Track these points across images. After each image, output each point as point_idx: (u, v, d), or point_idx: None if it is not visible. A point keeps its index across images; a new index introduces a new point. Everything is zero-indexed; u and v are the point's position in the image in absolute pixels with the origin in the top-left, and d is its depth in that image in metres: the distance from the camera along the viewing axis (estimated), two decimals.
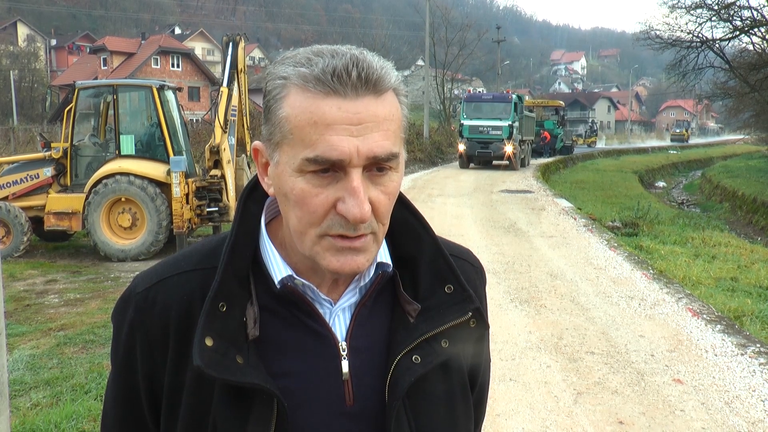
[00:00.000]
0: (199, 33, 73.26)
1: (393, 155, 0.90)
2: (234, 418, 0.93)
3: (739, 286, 8.84)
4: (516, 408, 4.68)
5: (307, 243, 0.92)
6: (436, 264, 1.04)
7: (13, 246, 10.42)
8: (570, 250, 10.55)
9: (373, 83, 0.88)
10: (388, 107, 0.90)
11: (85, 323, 6.85)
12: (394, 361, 0.98)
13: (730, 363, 5.64)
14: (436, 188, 20.22)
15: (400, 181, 0.95)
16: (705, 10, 28.04)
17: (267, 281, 0.99)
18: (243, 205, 1.02)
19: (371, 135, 0.88)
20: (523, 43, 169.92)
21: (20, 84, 52.42)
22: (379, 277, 1.01)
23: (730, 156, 53.14)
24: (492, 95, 31.10)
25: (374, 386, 0.98)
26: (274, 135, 0.92)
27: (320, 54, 0.90)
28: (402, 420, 0.97)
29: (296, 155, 0.89)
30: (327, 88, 0.87)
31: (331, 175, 0.89)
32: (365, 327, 1.01)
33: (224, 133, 10.91)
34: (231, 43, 11.35)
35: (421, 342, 0.99)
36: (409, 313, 1.01)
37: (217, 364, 0.90)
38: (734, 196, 23.56)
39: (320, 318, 0.99)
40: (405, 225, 1.05)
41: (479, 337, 1.09)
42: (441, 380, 1.02)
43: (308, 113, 0.87)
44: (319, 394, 0.97)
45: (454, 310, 1.02)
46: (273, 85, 0.92)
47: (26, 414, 4.54)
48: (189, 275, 1.00)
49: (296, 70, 0.89)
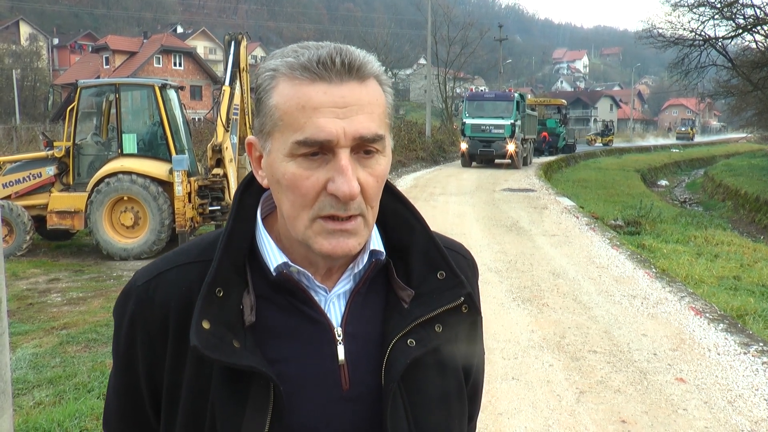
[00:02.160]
0: (201, 32, 73.25)
1: (378, 136, 0.94)
2: (232, 403, 0.95)
3: (741, 284, 8.83)
4: (518, 407, 4.67)
5: (299, 227, 0.96)
6: (428, 252, 1.07)
7: (16, 245, 10.43)
8: (572, 249, 10.54)
9: (356, 69, 0.93)
10: (371, 92, 0.95)
11: (87, 322, 6.86)
12: (389, 345, 1.00)
13: (732, 362, 5.63)
14: (438, 187, 20.21)
15: (388, 165, 0.98)
16: (707, 8, 28.00)
17: (263, 271, 1.01)
18: (239, 199, 1.05)
19: (357, 117, 0.92)
20: (525, 41, 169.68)
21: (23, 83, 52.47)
22: (372, 264, 1.04)
23: (732, 154, 53.06)
24: (494, 94, 31.07)
25: (370, 370, 1.00)
26: (265, 125, 0.96)
27: (306, 47, 0.95)
28: (398, 402, 0.99)
29: (286, 140, 0.93)
30: (313, 74, 0.92)
31: (320, 158, 0.93)
32: (360, 313, 1.03)
33: (226, 131, 10.91)
34: (233, 41, 11.34)
35: (415, 327, 1.01)
36: (403, 299, 1.03)
37: (213, 347, 0.92)
38: (737, 194, 23.51)
39: (315, 305, 1.01)
40: (396, 215, 1.08)
41: (472, 323, 1.11)
42: (435, 366, 1.04)
43: (296, 99, 0.92)
44: (315, 379, 0.99)
45: (447, 296, 1.04)
46: (263, 78, 0.96)
47: (29, 412, 4.55)
48: (188, 267, 1.02)
49: (284, 60, 0.94)
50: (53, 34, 73.76)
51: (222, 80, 11.66)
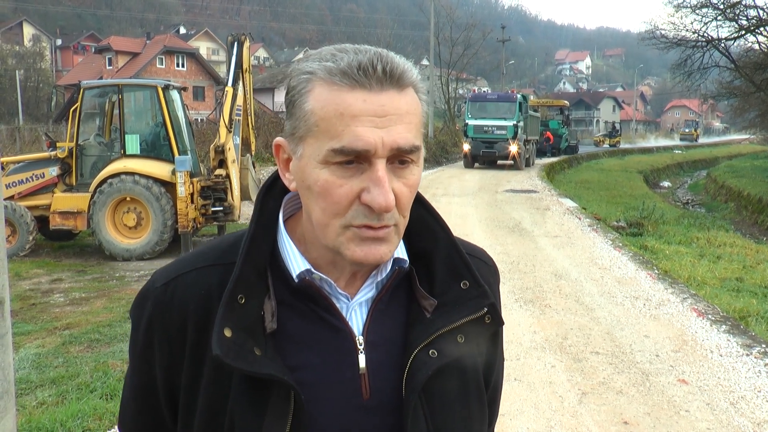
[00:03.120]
0: (204, 33, 73.37)
1: (415, 147, 0.92)
2: (251, 410, 0.94)
3: (744, 286, 8.82)
4: (521, 408, 4.67)
5: (330, 234, 0.94)
6: (452, 260, 1.05)
7: (19, 245, 10.45)
8: (575, 250, 10.53)
9: (396, 78, 0.91)
10: (410, 101, 0.93)
11: (90, 322, 6.87)
12: (411, 355, 0.98)
13: (735, 363, 5.62)
14: (440, 188, 20.22)
15: (420, 174, 0.97)
16: (710, 9, 27.92)
17: (285, 276, 1.00)
18: (261, 201, 1.04)
19: (395, 127, 0.90)
20: (527, 42, 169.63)
21: (26, 84, 52.55)
22: (395, 272, 1.02)
23: (735, 156, 52.95)
24: (497, 95, 31.08)
25: (391, 380, 0.99)
26: (298, 129, 0.93)
27: (344, 51, 0.93)
28: (419, 414, 0.98)
29: (321, 147, 0.90)
30: (353, 81, 0.89)
31: (355, 166, 0.91)
32: (382, 322, 1.01)
33: (229, 132, 10.93)
34: (236, 42, 11.36)
35: (437, 337, 1.00)
36: (426, 308, 1.02)
37: (235, 355, 0.91)
38: (739, 196, 23.47)
39: (337, 312, 1.00)
40: (421, 222, 1.06)
41: (494, 334, 1.10)
42: (456, 377, 1.03)
43: (334, 105, 0.89)
44: (335, 388, 0.97)
45: (470, 306, 1.03)
46: (298, 80, 0.94)
47: (32, 412, 4.56)
48: (207, 270, 1.01)
49: (322, 64, 0.92)
50: (56, 35, 73.95)
51: (225, 81, 11.69)
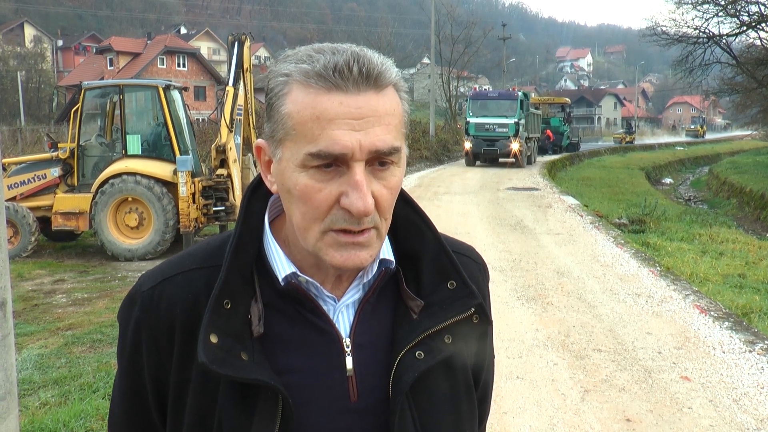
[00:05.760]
0: (205, 32, 73.35)
1: (394, 149, 0.91)
2: (240, 414, 0.93)
3: (746, 282, 8.80)
4: (523, 406, 4.67)
5: (310, 239, 0.93)
6: (439, 260, 1.04)
7: (21, 246, 10.47)
8: (576, 248, 10.52)
9: (374, 78, 0.89)
10: (389, 102, 0.91)
11: (92, 322, 6.88)
12: (397, 357, 0.98)
13: (738, 360, 5.62)
14: (442, 186, 20.21)
15: (402, 175, 0.95)
16: (711, 5, 27.90)
17: (271, 279, 0.99)
18: (246, 204, 1.03)
19: (373, 129, 0.89)
20: (528, 40, 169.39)
21: (27, 85, 52.66)
22: (382, 273, 1.01)
23: (737, 152, 52.88)
24: (498, 93, 31.10)
25: (378, 382, 0.98)
26: (276, 132, 0.92)
27: (321, 51, 0.91)
28: (406, 416, 0.97)
29: (299, 151, 0.89)
30: (329, 83, 0.88)
31: (333, 170, 0.89)
32: (369, 323, 1.01)
33: (230, 132, 10.93)
34: (236, 42, 11.36)
35: (424, 338, 0.99)
36: (413, 309, 1.01)
37: (221, 361, 0.91)
38: (742, 192, 23.43)
39: (324, 315, 0.99)
40: (408, 222, 1.05)
41: (482, 333, 1.09)
42: (445, 377, 1.02)
43: (310, 108, 0.88)
44: (323, 391, 0.97)
45: (457, 306, 1.02)
46: (275, 83, 0.92)
47: (35, 413, 4.57)
48: (194, 273, 1.00)
49: (298, 66, 0.90)
50: (57, 35, 73.98)
51: (226, 81, 11.68)
